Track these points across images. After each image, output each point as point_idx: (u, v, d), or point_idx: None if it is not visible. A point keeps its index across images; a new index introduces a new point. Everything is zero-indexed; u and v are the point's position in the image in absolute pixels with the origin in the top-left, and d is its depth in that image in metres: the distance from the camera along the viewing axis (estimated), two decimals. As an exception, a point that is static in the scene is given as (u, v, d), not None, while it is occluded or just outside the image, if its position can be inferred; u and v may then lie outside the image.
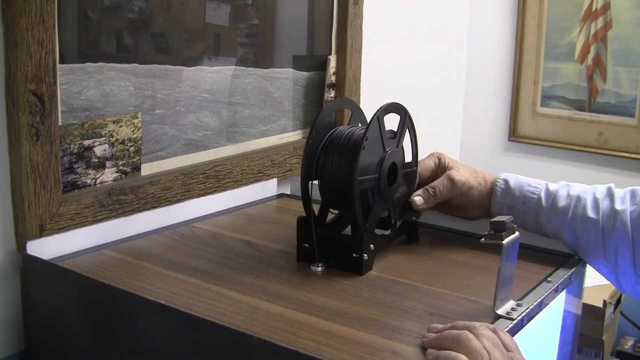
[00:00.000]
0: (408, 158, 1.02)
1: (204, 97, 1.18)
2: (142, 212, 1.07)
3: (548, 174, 1.97)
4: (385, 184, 0.94)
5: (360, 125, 1.01)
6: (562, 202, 0.99)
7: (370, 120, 0.91)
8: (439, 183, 1.02)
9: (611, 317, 1.57)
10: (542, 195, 1.00)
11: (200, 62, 1.16)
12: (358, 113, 1.03)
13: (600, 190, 0.99)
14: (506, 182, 1.02)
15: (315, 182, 0.95)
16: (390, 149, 0.95)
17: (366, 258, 0.92)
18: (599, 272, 0.99)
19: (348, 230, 0.95)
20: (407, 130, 1.00)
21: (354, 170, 0.89)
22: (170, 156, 1.14)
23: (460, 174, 1.02)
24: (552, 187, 1.01)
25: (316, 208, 0.96)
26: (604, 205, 0.97)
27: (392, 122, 0.97)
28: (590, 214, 0.97)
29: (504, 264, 0.80)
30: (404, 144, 1.00)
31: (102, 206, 1.02)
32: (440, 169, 1.05)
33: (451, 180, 1.01)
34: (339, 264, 0.92)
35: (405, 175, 1.00)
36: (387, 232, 0.98)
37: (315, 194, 0.95)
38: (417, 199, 1.01)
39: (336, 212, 0.99)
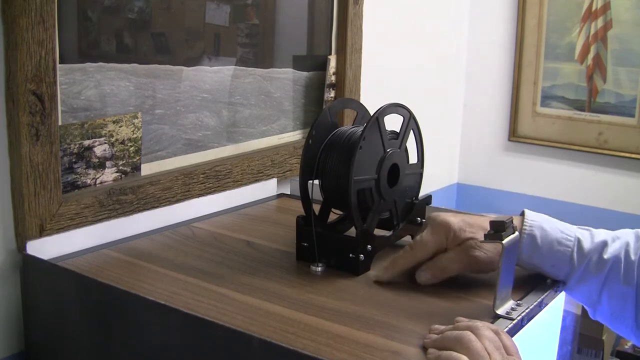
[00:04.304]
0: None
1: (204, 97, 1.18)
2: (142, 212, 1.07)
3: (548, 174, 1.98)
4: (385, 185, 0.94)
5: (366, 126, 1.01)
6: (594, 269, 0.88)
7: (369, 120, 0.91)
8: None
9: (611, 317, 1.57)
10: (575, 257, 0.88)
11: (200, 62, 1.16)
12: (364, 113, 1.02)
13: (634, 248, 0.88)
14: (532, 238, 0.88)
15: (317, 182, 0.95)
16: (391, 149, 0.95)
17: (362, 258, 0.91)
18: (634, 341, 0.92)
19: (353, 231, 0.95)
20: (411, 132, 0.99)
21: (349, 170, 0.89)
22: (170, 156, 1.14)
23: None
24: (586, 245, 0.88)
25: (318, 208, 0.96)
26: None
27: (397, 123, 0.97)
28: (623, 283, 0.87)
29: (504, 264, 0.80)
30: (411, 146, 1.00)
31: (102, 206, 1.02)
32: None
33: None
34: (338, 264, 0.92)
35: (408, 177, 1.00)
36: (389, 234, 0.98)
37: (317, 194, 0.95)
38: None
39: (341, 212, 0.99)
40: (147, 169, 1.11)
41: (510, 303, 0.83)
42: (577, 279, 0.89)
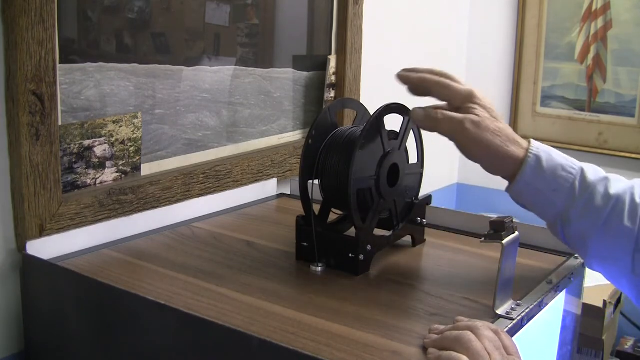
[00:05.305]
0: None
1: (204, 97, 1.18)
2: (142, 212, 1.07)
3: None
4: (385, 185, 0.94)
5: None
6: (598, 202, 0.85)
7: (369, 120, 0.91)
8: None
9: (611, 317, 1.57)
10: (577, 185, 0.86)
11: (200, 62, 1.16)
12: (364, 113, 1.02)
13: (638, 192, 0.86)
14: (538, 159, 0.86)
15: (317, 182, 0.95)
16: (391, 149, 0.95)
17: (362, 258, 0.91)
18: (618, 286, 0.90)
19: (353, 231, 0.95)
20: (411, 132, 0.99)
21: (349, 170, 0.89)
22: (170, 156, 1.14)
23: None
24: (590, 176, 0.86)
25: (318, 208, 0.96)
26: None
27: (397, 123, 0.97)
28: (627, 222, 0.84)
29: (503, 264, 0.80)
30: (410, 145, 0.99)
31: (102, 206, 1.02)
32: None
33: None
34: (337, 264, 0.93)
35: (408, 177, 1.00)
36: (389, 234, 0.98)
37: (317, 194, 0.95)
38: (418, 111, 0.89)
39: (341, 212, 0.99)
40: (147, 169, 1.11)
41: (510, 303, 0.83)
42: (579, 211, 0.85)
